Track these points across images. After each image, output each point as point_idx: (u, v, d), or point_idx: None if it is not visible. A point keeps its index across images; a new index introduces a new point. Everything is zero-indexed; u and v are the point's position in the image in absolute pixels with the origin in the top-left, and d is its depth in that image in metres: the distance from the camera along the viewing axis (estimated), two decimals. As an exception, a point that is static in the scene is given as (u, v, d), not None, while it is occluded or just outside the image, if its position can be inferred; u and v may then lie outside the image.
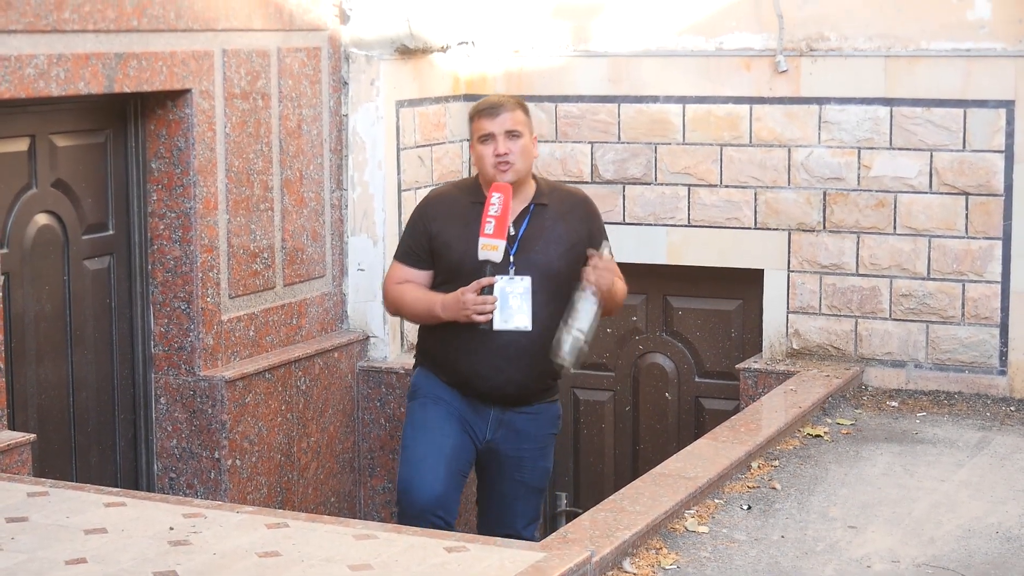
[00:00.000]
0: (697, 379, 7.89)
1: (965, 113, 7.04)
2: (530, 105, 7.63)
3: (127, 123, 6.46)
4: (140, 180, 6.50)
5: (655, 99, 7.57)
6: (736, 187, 7.46)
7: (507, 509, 5.93)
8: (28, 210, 6.01)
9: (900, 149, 7.17)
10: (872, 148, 7.21)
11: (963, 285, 7.13)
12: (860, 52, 7.19)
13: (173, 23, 6.29)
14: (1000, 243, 7.05)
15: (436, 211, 5.81)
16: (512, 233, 5.67)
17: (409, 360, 6.84)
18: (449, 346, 5.75)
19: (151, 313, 6.57)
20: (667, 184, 7.59)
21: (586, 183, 7.68)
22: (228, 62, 6.60)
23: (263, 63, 6.82)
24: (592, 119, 7.68)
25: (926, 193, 7.14)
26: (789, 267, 7.41)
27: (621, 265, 7.73)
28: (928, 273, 7.18)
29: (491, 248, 5.56)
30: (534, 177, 5.86)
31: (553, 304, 5.67)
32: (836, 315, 7.36)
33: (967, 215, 7.09)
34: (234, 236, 6.70)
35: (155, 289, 6.55)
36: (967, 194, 7.08)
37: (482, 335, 5.62)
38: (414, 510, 5.62)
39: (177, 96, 6.42)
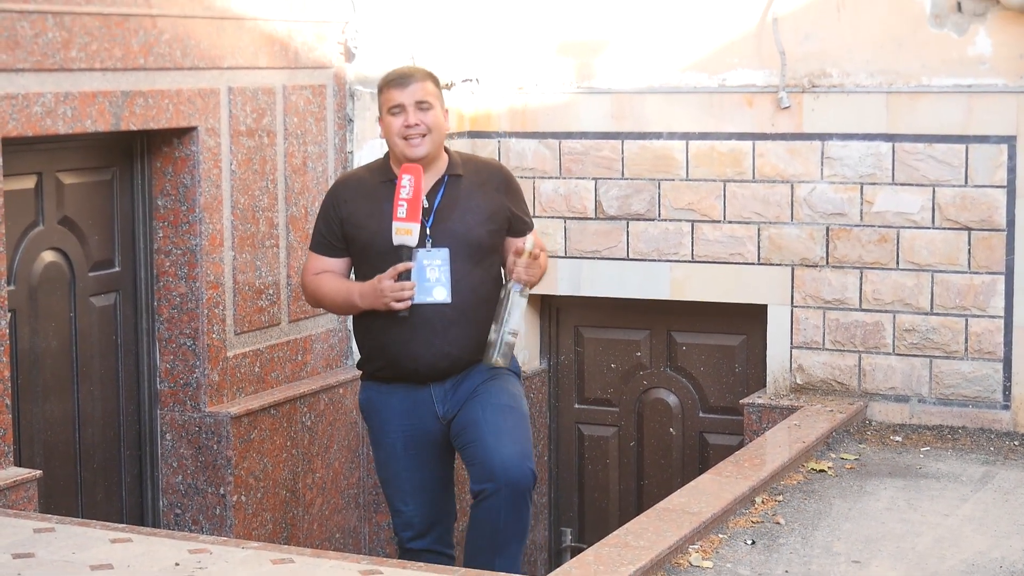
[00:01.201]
0: (701, 414, 7.90)
1: (967, 148, 7.07)
2: (535, 142, 7.70)
3: (133, 160, 6.50)
4: (146, 217, 6.53)
5: (658, 135, 7.60)
6: (739, 223, 7.49)
7: (491, 438, 5.43)
8: (35, 247, 6.04)
9: (902, 184, 7.20)
10: (874, 183, 7.23)
11: (966, 320, 7.15)
12: (862, 88, 7.23)
13: (179, 61, 6.33)
14: (1003, 278, 7.07)
15: (345, 194, 5.64)
16: (426, 206, 5.49)
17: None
18: (376, 331, 5.57)
19: (157, 349, 6.59)
20: (671, 220, 7.62)
21: (590, 219, 7.71)
22: (234, 100, 6.64)
23: (269, 100, 6.86)
24: (596, 155, 7.71)
25: (928, 228, 7.16)
26: (792, 302, 7.43)
27: (624, 301, 7.77)
28: (931, 308, 7.20)
29: (405, 232, 5.41)
30: (446, 150, 5.67)
31: (475, 274, 5.53)
32: (840, 350, 7.38)
33: (970, 250, 7.11)
34: (240, 273, 6.72)
35: (161, 325, 6.57)
36: (969, 229, 7.10)
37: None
38: (409, 544, 5.67)
39: (183, 133, 6.45)
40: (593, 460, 8.13)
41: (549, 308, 8.12)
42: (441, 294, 5.48)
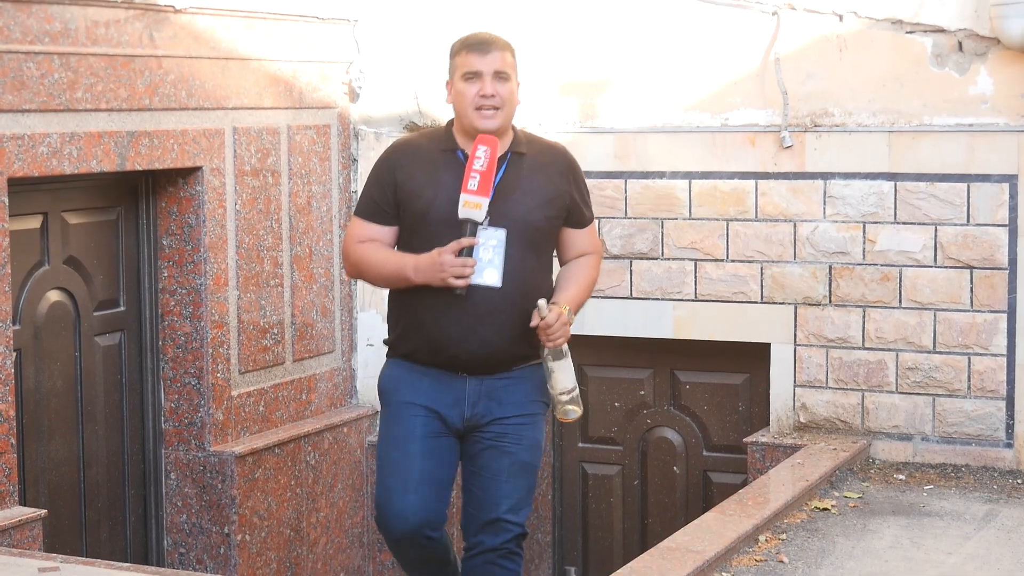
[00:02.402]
0: (705, 453, 7.90)
1: (969, 187, 7.09)
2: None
3: (139, 200, 6.53)
4: (151, 256, 6.56)
5: (661, 175, 7.62)
6: (742, 261, 7.50)
7: (490, 487, 5.27)
8: (40, 287, 6.07)
9: (905, 223, 7.21)
10: (877, 222, 7.25)
11: (969, 358, 7.15)
12: (864, 127, 7.26)
13: (185, 102, 6.37)
14: (1005, 316, 7.08)
15: (402, 159, 5.25)
16: None
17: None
18: (415, 310, 5.20)
19: (161, 389, 6.61)
20: (674, 259, 7.63)
21: (593, 258, 7.72)
22: (239, 140, 6.67)
23: (273, 140, 6.89)
24: (599, 194, 7.73)
25: (931, 267, 7.18)
26: (796, 341, 7.44)
27: (627, 340, 7.77)
28: (934, 346, 7.20)
29: (474, 206, 5.04)
30: (513, 127, 5.32)
31: (527, 260, 5.19)
32: (843, 389, 7.38)
33: (972, 289, 7.12)
34: (244, 312, 6.74)
35: (166, 365, 6.59)
36: (971, 268, 7.11)
37: (449, 294, 5.08)
38: (392, 538, 5.24)
39: (188, 173, 6.49)
40: (597, 498, 8.13)
41: (553, 347, 8.12)
42: (492, 277, 5.12)
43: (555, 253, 5.46)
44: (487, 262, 5.10)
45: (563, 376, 5.21)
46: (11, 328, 5.67)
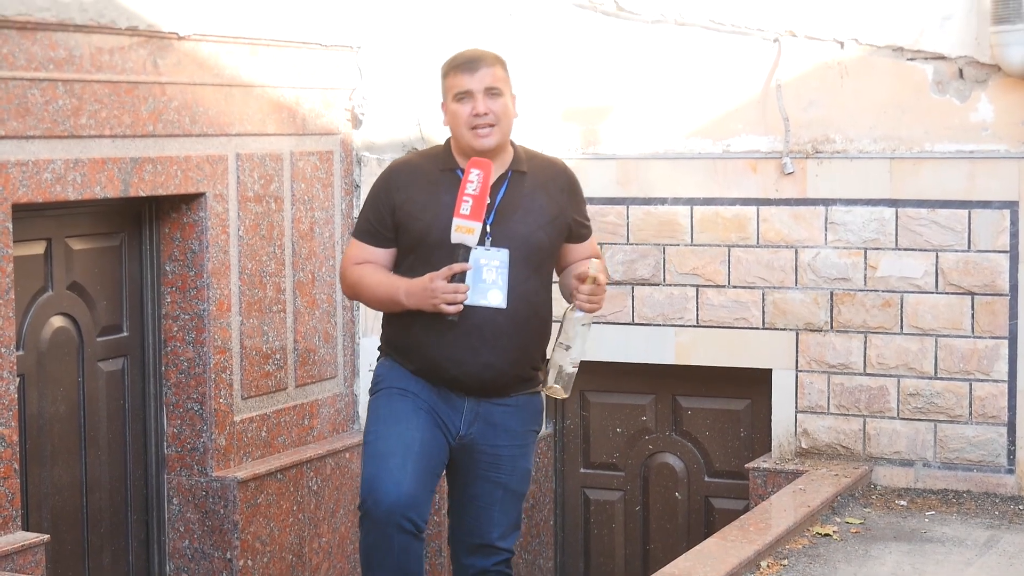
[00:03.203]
0: (707, 479, 7.90)
1: (970, 214, 7.11)
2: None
3: (142, 226, 6.55)
4: (154, 282, 6.58)
5: (663, 201, 7.64)
6: (744, 288, 7.52)
7: (482, 516, 5.25)
8: (44, 312, 6.08)
9: (906, 250, 7.23)
10: (878, 248, 7.27)
11: (970, 384, 7.16)
12: (865, 154, 7.28)
13: (188, 128, 6.39)
14: (1006, 342, 7.09)
15: (401, 180, 5.17)
16: (488, 202, 5.02)
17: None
18: (416, 329, 5.11)
19: (164, 414, 6.62)
20: (675, 285, 7.65)
21: (595, 284, 7.73)
22: (242, 166, 6.69)
23: (276, 167, 6.92)
24: (601, 220, 7.75)
25: (932, 293, 7.19)
26: (797, 367, 7.45)
27: (629, 366, 7.78)
28: (935, 372, 7.21)
29: (466, 231, 4.96)
30: (512, 144, 5.26)
31: (532, 281, 5.13)
32: (844, 414, 7.39)
33: (973, 315, 7.13)
34: (247, 338, 6.76)
35: (168, 390, 6.60)
36: (973, 294, 7.13)
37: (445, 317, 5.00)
38: (380, 511, 4.99)
39: (191, 199, 6.51)
40: (599, 524, 8.13)
41: (555, 372, 8.13)
42: (496, 298, 5.04)
43: (559, 271, 5.39)
44: (491, 283, 5.03)
45: (582, 343, 5.13)
46: (15, 353, 5.69)
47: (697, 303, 7.61)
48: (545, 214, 5.16)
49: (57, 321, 6.16)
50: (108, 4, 5.99)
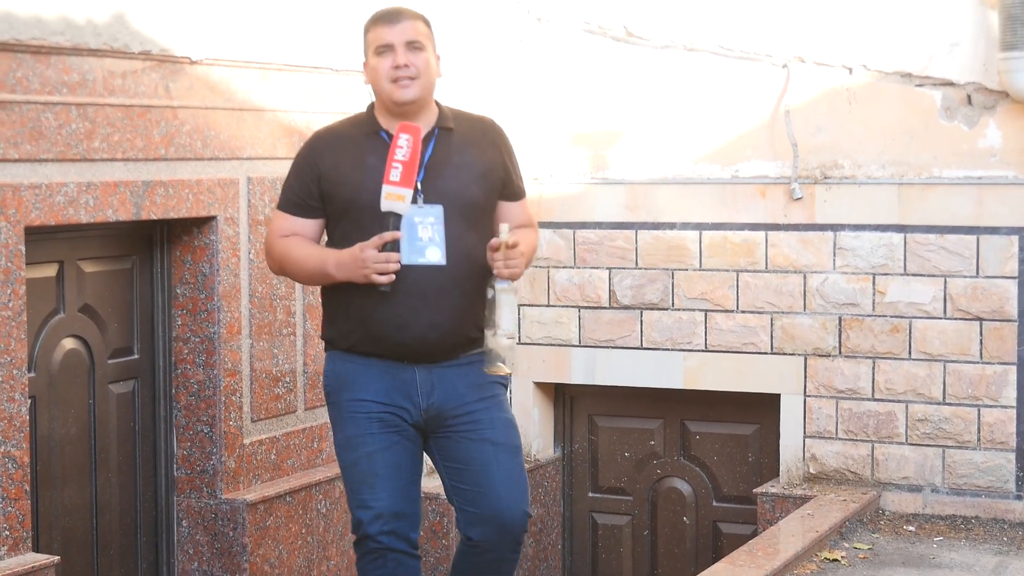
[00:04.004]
0: (715, 503, 7.91)
1: (978, 240, 7.12)
2: (549, 232, 7.77)
3: (153, 249, 6.57)
4: (165, 305, 6.60)
5: (672, 226, 7.66)
6: (752, 312, 7.54)
7: (483, 482, 4.99)
8: (55, 334, 6.10)
9: (914, 275, 7.25)
10: (886, 274, 7.29)
11: (978, 410, 7.17)
12: (873, 180, 7.30)
13: (200, 152, 6.42)
14: (1015, 368, 7.10)
15: (324, 147, 5.02)
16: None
17: (430, 484, 6.63)
18: (355, 299, 4.93)
19: (174, 436, 6.63)
20: (684, 309, 7.67)
21: (604, 308, 7.76)
22: (253, 189, 6.72)
23: (287, 190, 6.94)
24: (610, 245, 7.77)
25: (940, 318, 7.20)
26: (806, 392, 7.46)
27: (638, 390, 7.78)
28: (943, 398, 7.23)
29: (396, 198, 4.81)
30: (437, 103, 5.08)
31: (469, 237, 4.94)
32: (853, 440, 7.40)
33: (981, 340, 7.15)
34: (257, 360, 6.78)
35: (178, 413, 6.62)
36: (981, 319, 7.14)
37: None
38: (367, 533, 4.93)
39: (203, 223, 6.53)
40: (607, 549, 8.14)
41: (563, 397, 8.16)
42: (435, 255, 4.85)
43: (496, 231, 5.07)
44: (428, 240, 4.85)
45: (510, 313, 4.90)
46: (26, 375, 5.70)
47: (705, 328, 7.63)
48: (476, 169, 5.00)
49: (69, 343, 6.18)
50: (122, 28, 6.02)
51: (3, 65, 5.54)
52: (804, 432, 7.48)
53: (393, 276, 4.80)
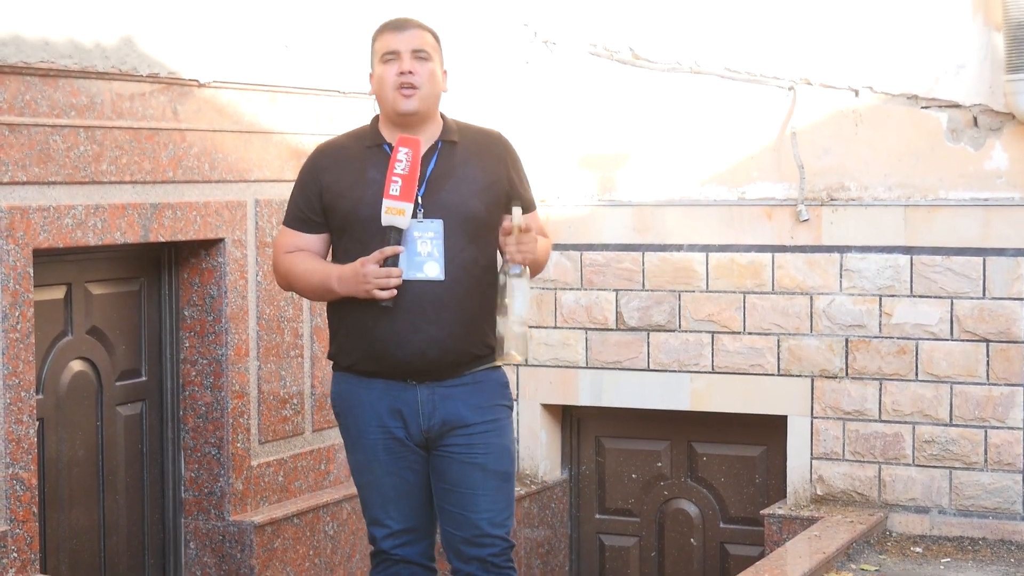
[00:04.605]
0: (722, 525, 7.91)
1: (984, 261, 7.13)
2: (556, 254, 7.78)
3: (161, 271, 6.59)
4: (173, 327, 6.61)
5: (679, 247, 7.67)
6: (759, 334, 7.54)
7: (466, 503, 4.96)
8: (63, 357, 6.12)
9: (921, 296, 7.25)
10: (893, 295, 7.29)
11: (985, 431, 7.17)
12: (880, 201, 7.31)
13: (207, 174, 6.44)
14: (1021, 390, 7.10)
15: (326, 160, 4.99)
16: (419, 174, 4.84)
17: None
18: (356, 315, 4.89)
19: (182, 458, 6.64)
20: (691, 331, 7.67)
21: (611, 330, 7.77)
22: (260, 212, 6.74)
23: (294, 213, 6.95)
24: (617, 267, 7.78)
25: (947, 340, 7.21)
26: (812, 413, 7.46)
27: (645, 412, 7.77)
28: (950, 419, 7.22)
29: (396, 212, 4.76)
30: (442, 115, 5.03)
31: (469, 251, 4.88)
32: (860, 461, 7.40)
33: (988, 362, 7.15)
34: (264, 382, 6.79)
35: (186, 434, 6.63)
36: (988, 341, 7.14)
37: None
38: (382, 547, 5.00)
39: (210, 245, 6.55)
40: (614, 570, 8.14)
41: (570, 418, 8.16)
42: (433, 270, 4.81)
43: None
44: (426, 255, 4.81)
45: (523, 299, 4.84)
46: (34, 397, 5.72)
47: (712, 349, 7.63)
48: (479, 182, 4.94)
49: (76, 365, 6.19)
50: (129, 51, 6.05)
51: (12, 88, 5.57)
52: (811, 453, 7.48)
53: (395, 291, 4.78)
